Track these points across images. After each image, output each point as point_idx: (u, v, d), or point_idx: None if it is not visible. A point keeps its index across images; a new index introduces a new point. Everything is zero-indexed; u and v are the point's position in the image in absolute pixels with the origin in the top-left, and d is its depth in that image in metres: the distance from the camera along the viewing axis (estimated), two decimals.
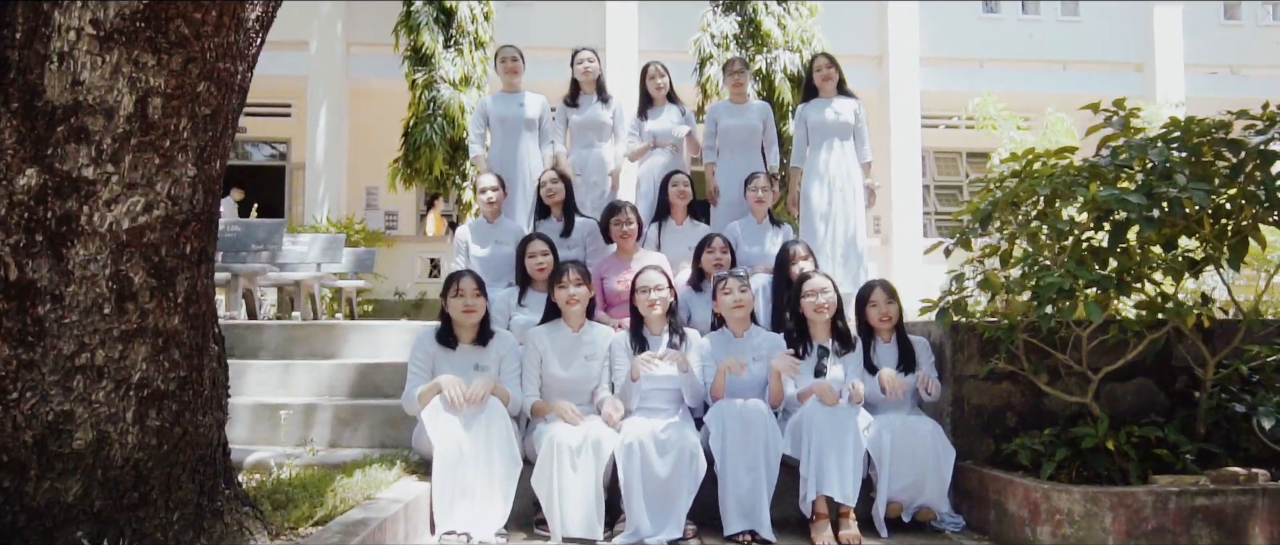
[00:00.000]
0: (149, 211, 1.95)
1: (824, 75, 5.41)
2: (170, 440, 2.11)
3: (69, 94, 1.85)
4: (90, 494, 2.01)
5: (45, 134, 1.85)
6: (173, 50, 1.90)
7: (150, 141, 1.93)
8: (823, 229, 5.29)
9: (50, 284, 1.90)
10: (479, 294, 3.69)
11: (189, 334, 2.12)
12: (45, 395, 1.94)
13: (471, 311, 3.66)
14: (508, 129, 5.43)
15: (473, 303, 3.66)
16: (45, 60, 1.84)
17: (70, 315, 1.93)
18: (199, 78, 1.97)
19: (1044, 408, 3.93)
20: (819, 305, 3.82)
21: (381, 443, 4.10)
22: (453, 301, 3.67)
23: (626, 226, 4.60)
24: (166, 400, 2.08)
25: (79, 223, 1.90)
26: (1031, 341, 3.66)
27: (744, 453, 3.44)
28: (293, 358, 4.70)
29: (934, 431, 3.59)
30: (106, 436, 2.01)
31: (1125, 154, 3.26)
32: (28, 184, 1.85)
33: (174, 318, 2.06)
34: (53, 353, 1.93)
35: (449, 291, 3.70)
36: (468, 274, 3.76)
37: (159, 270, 2.00)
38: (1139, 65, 13.66)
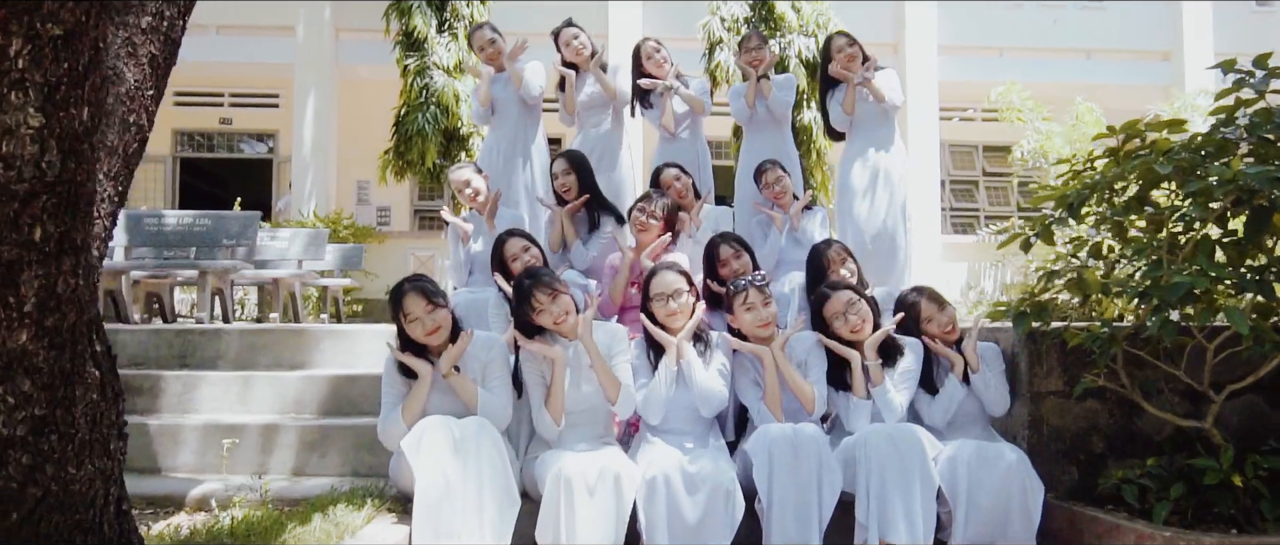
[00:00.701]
0: None
1: (847, 56, 4.66)
2: (23, 506, 1.49)
3: None
4: None
5: None
6: None
7: None
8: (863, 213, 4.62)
9: None
10: (433, 307, 2.98)
11: (46, 355, 1.50)
12: None
13: (435, 330, 2.98)
14: (501, 112, 4.79)
15: (431, 320, 2.97)
16: None
17: None
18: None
19: (1136, 430, 3.33)
20: (855, 327, 3.17)
21: (355, 470, 3.47)
22: (409, 327, 2.98)
23: (648, 219, 3.92)
24: (13, 451, 1.46)
25: None
26: (1132, 353, 3.04)
27: (795, 489, 2.81)
28: (255, 368, 4.07)
29: (1019, 462, 2.97)
30: None
31: (1265, 126, 2.63)
32: None
33: (19, 334, 1.44)
34: None
35: (397, 319, 3.01)
36: (409, 290, 3.01)
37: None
38: (1166, 54, 13.05)
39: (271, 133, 13.78)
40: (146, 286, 6.88)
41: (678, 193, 4.29)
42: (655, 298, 3.15)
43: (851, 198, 4.71)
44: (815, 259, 3.80)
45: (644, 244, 3.95)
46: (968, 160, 15.02)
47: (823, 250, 3.79)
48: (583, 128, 4.86)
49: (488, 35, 4.83)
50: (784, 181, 4.43)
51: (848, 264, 3.76)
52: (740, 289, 3.20)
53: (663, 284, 3.16)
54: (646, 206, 3.95)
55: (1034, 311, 3.17)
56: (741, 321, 3.19)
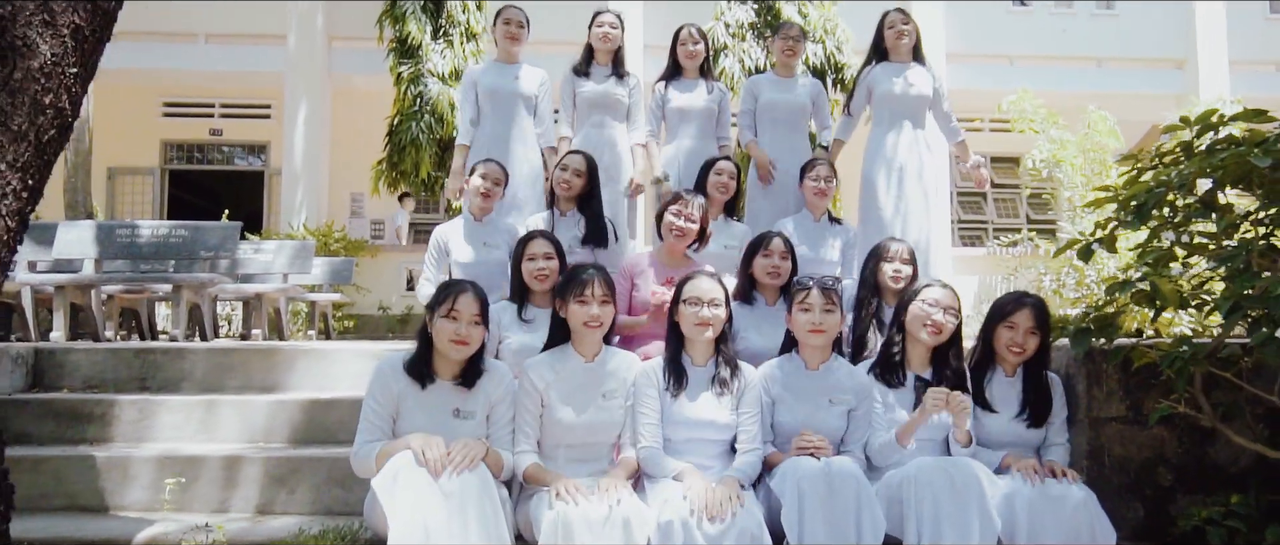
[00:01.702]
0: None
1: (898, 32, 4.39)
2: None
3: None
4: None
5: None
6: None
7: None
8: (888, 222, 4.28)
9: None
10: (478, 321, 2.65)
11: None
12: None
13: (463, 343, 2.63)
14: (500, 105, 4.43)
15: (467, 332, 2.62)
16: None
17: None
18: None
19: (1209, 461, 2.97)
20: (934, 323, 2.81)
21: (328, 508, 3.07)
22: (442, 323, 2.62)
23: (686, 224, 3.53)
24: None
25: None
26: (1217, 375, 2.67)
27: (829, 532, 2.42)
28: (222, 392, 3.68)
29: (1086, 502, 2.58)
30: None
31: None
32: None
33: None
34: None
35: (439, 308, 2.65)
36: (471, 290, 2.68)
37: None
38: (1180, 62, 12.77)
39: (263, 144, 13.44)
40: (122, 302, 6.50)
41: (723, 185, 4.02)
42: (689, 302, 2.78)
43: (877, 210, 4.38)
44: (874, 254, 3.47)
45: (676, 252, 3.58)
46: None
47: (885, 245, 3.48)
48: (582, 128, 4.49)
49: (516, 16, 4.56)
50: (830, 183, 4.06)
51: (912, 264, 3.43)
52: (803, 287, 2.84)
53: (698, 289, 2.78)
54: (683, 210, 3.56)
55: (1099, 327, 2.80)
56: (795, 322, 2.84)
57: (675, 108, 4.49)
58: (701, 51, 4.56)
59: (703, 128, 4.53)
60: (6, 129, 1.76)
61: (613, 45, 4.51)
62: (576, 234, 3.86)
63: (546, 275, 3.28)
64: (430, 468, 2.38)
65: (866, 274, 3.45)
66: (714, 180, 4.01)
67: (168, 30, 11.26)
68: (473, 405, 2.70)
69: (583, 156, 4.03)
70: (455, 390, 2.70)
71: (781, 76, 4.61)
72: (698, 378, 2.78)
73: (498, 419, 2.71)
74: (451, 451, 2.45)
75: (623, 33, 4.57)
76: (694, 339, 2.78)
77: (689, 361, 2.80)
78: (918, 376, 2.89)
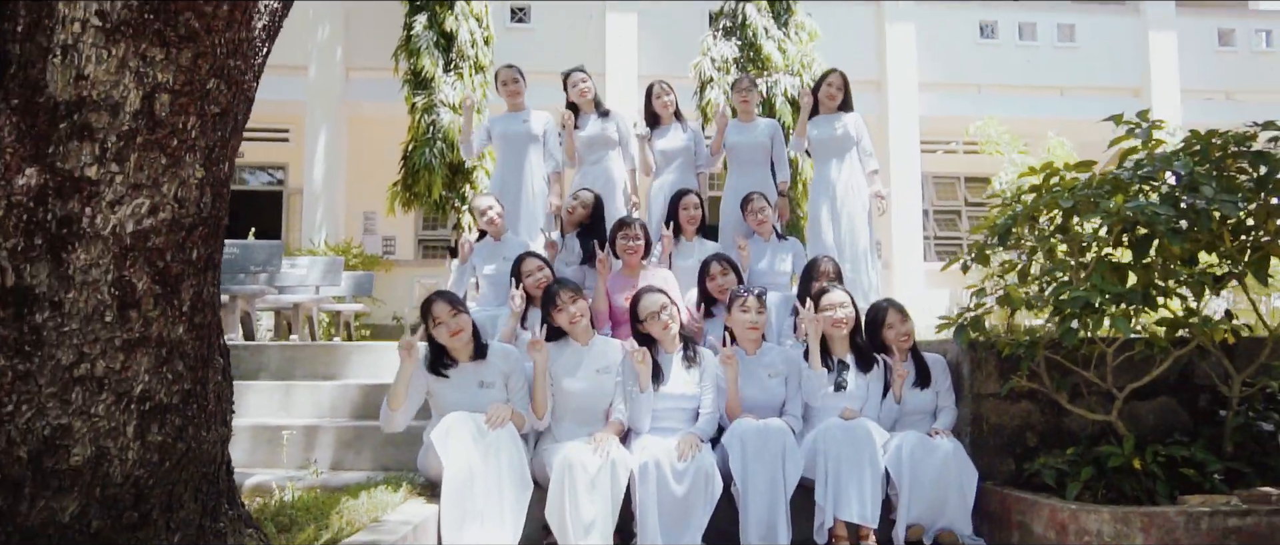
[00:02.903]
0: (154, 214, 1.86)
1: (830, 93, 5.37)
2: (173, 457, 2.01)
3: (72, 89, 1.76)
4: (87, 513, 1.90)
5: (46, 131, 1.76)
6: (182, 44, 1.82)
7: (157, 140, 1.84)
8: (831, 243, 5.22)
9: (49, 290, 1.81)
10: (457, 312, 3.56)
11: (194, 345, 2.02)
12: (41, 408, 1.84)
13: (458, 332, 3.54)
14: (511, 145, 5.37)
15: (453, 323, 3.53)
16: (48, 54, 1.75)
17: (69, 323, 1.84)
18: (209, 74, 1.89)
19: (1064, 427, 3.85)
20: (836, 320, 3.73)
21: (385, 465, 3.98)
22: (435, 330, 3.54)
23: (633, 242, 4.51)
24: (169, 414, 1.98)
25: (80, 225, 1.80)
26: (1053, 359, 3.57)
27: (763, 473, 3.33)
28: (293, 379, 4.59)
29: (955, 451, 3.49)
30: (105, 452, 1.90)
31: (1148, 167, 3.20)
32: (27, 184, 1.76)
33: (178, 327, 1.96)
34: (50, 363, 1.83)
35: (426, 323, 3.56)
36: (437, 298, 3.61)
37: (164, 277, 1.91)
38: (1136, 90, 13.71)
39: (282, 165, 14.35)
40: None
41: (691, 216, 4.92)
42: (646, 319, 3.68)
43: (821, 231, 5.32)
44: (808, 269, 4.40)
45: (631, 266, 4.53)
46: (950, 191, 15.63)
47: (817, 262, 4.40)
48: (582, 166, 5.43)
49: (510, 75, 5.47)
50: (766, 212, 5.00)
51: (836, 276, 4.34)
52: (740, 295, 3.77)
53: (647, 305, 3.70)
54: (628, 232, 4.53)
55: (972, 324, 3.71)
56: (735, 321, 3.76)
57: (659, 150, 5.43)
58: (672, 101, 5.50)
59: (682, 164, 5.46)
60: (244, 94, 2.22)
61: (590, 94, 5.46)
62: (578, 253, 4.80)
63: (542, 284, 4.20)
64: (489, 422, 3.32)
65: (804, 284, 4.37)
66: (683, 213, 4.94)
67: None
68: (491, 376, 3.60)
69: (593, 194, 5.01)
70: (474, 367, 3.60)
71: (743, 121, 5.55)
72: (669, 362, 3.69)
73: (515, 389, 3.62)
74: (489, 415, 3.36)
75: (593, 83, 5.50)
76: (661, 337, 3.69)
77: (662, 352, 3.71)
78: (839, 360, 3.79)
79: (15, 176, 1.75)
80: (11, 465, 1.83)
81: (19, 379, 1.82)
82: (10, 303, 1.79)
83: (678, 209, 4.94)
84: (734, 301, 3.82)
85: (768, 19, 10.97)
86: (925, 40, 13.27)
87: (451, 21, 10.83)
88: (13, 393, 1.82)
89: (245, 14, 1.93)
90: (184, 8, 1.79)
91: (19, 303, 1.79)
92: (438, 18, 10.94)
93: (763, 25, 10.88)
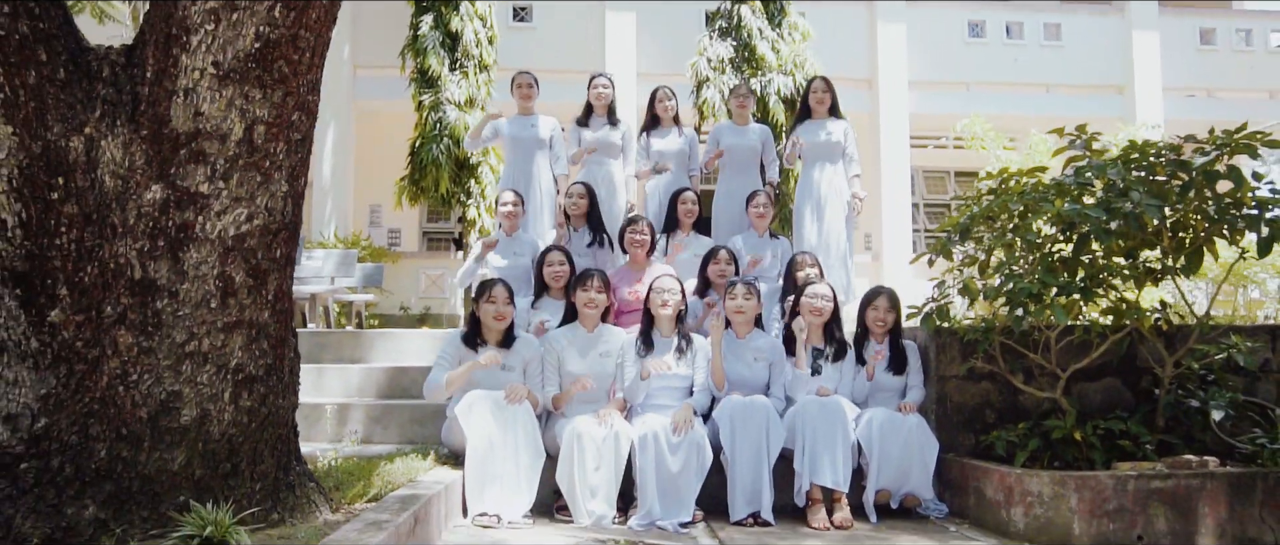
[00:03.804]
0: (251, 221, 2.31)
1: (818, 99, 5.81)
2: (258, 419, 2.46)
3: (191, 123, 2.21)
4: (192, 464, 2.35)
5: (169, 156, 2.21)
6: (275, 86, 2.26)
7: (254, 162, 2.29)
8: (815, 242, 5.67)
9: (168, 282, 2.25)
10: (509, 302, 4.05)
11: (275, 326, 2.47)
12: (159, 377, 2.29)
13: (502, 318, 4.01)
14: (521, 149, 5.81)
15: (504, 309, 4.01)
16: (172, 95, 2.20)
17: (183, 309, 2.28)
18: (294, 109, 2.34)
19: (1019, 405, 4.30)
20: (814, 308, 4.18)
21: (410, 439, 4.43)
22: (485, 306, 4.01)
23: (640, 237, 4.95)
24: (256, 384, 2.43)
25: (194, 230, 2.25)
26: (1007, 344, 4.03)
27: (749, 444, 3.79)
28: (323, 362, 5.04)
29: (919, 424, 3.95)
30: (208, 414, 2.35)
31: (1087, 173, 3.65)
32: (153, 198, 2.20)
33: (265, 312, 2.41)
34: (167, 341, 2.28)
35: (482, 297, 4.04)
36: (501, 283, 4.10)
37: (256, 271, 2.36)
38: (1120, 88, 14.13)
39: None
40: None
41: (689, 211, 5.38)
42: (654, 292, 4.15)
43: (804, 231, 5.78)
44: (791, 264, 4.86)
45: (638, 260, 4.97)
46: (940, 185, 16.08)
47: (796, 257, 4.87)
48: (587, 166, 5.88)
49: (526, 80, 5.91)
50: (767, 208, 5.45)
51: (816, 269, 4.80)
52: (732, 284, 4.25)
53: (661, 284, 4.18)
54: (635, 229, 4.97)
55: (938, 313, 4.16)
56: (727, 307, 4.23)
57: (656, 151, 5.87)
58: (674, 106, 5.94)
59: (678, 164, 5.90)
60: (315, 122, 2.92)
61: (606, 101, 5.89)
62: (587, 241, 5.25)
63: (561, 277, 4.65)
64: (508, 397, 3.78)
65: (787, 278, 4.82)
66: (681, 208, 5.39)
67: None
68: (513, 361, 4.05)
69: (582, 185, 5.45)
70: (499, 352, 4.05)
71: (738, 124, 5.99)
72: (664, 346, 4.14)
73: (532, 373, 4.07)
74: (509, 391, 3.81)
75: (613, 90, 5.94)
76: (659, 316, 4.14)
77: (658, 334, 4.16)
78: (815, 347, 4.25)
79: (144, 192, 2.20)
80: (134, 423, 2.28)
81: (143, 353, 2.26)
82: (138, 292, 2.23)
83: (676, 205, 5.38)
84: (727, 291, 4.28)
85: (762, 20, 11.38)
86: (915, 39, 13.67)
87: (457, 22, 11.22)
88: (137, 365, 2.26)
89: (321, 58, 2.38)
90: (278, 56, 2.24)
91: (144, 292, 2.24)
92: (443, 18, 11.33)
93: (757, 26, 11.28)
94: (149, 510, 2.28)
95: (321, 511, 2.74)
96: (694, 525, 3.72)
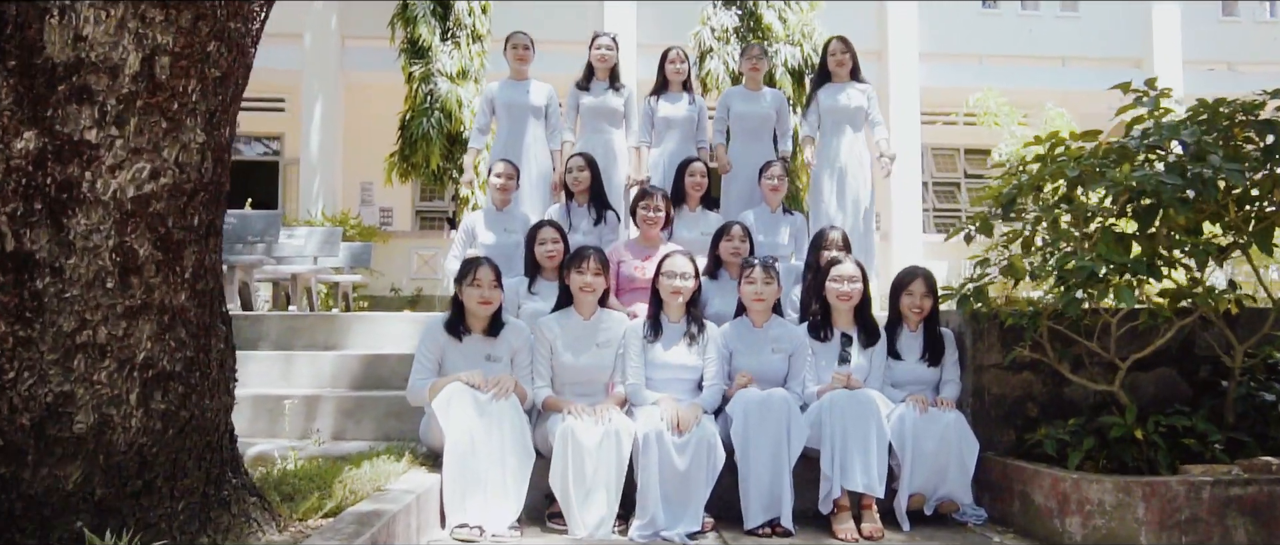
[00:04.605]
0: (155, 179, 1.84)
1: (838, 60, 5.32)
2: (176, 425, 2.00)
3: (70, 51, 1.73)
4: (91, 481, 1.90)
5: (45, 94, 1.73)
6: (181, 6, 1.78)
7: (157, 104, 1.81)
8: (834, 214, 5.20)
9: (49, 256, 1.79)
10: (496, 284, 3.56)
11: (196, 312, 2.01)
12: (44, 375, 1.83)
13: (488, 303, 3.54)
14: (514, 116, 5.32)
15: (490, 294, 3.53)
16: (45, 14, 1.72)
17: (71, 289, 1.82)
18: (209, 36, 1.86)
19: (1065, 397, 3.85)
20: (842, 293, 3.71)
21: (386, 435, 3.98)
22: (469, 290, 3.54)
23: (654, 214, 4.47)
24: (172, 382, 1.97)
25: (81, 190, 1.78)
26: (1055, 329, 3.57)
27: (767, 443, 3.33)
28: (293, 349, 4.58)
29: (957, 421, 3.50)
30: (109, 420, 1.89)
31: (1155, 136, 3.17)
32: (25, 147, 1.73)
33: (180, 294, 1.95)
34: (52, 330, 1.82)
35: (465, 280, 3.56)
36: (486, 262, 3.61)
37: (165, 242, 1.89)
38: (1138, 61, 13.61)
39: (277, 136, 14.25)
40: None
41: (697, 183, 4.89)
42: (665, 274, 3.67)
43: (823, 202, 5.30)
44: (817, 240, 4.36)
45: (650, 237, 4.50)
46: (950, 163, 15.59)
47: (824, 233, 4.36)
48: (584, 136, 5.39)
49: (522, 41, 5.41)
50: (782, 181, 4.97)
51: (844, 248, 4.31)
52: (748, 265, 3.75)
53: (673, 266, 3.69)
54: (649, 203, 4.49)
55: (975, 295, 3.69)
56: (743, 292, 3.73)
57: (662, 117, 5.37)
58: (685, 70, 5.45)
59: (685, 134, 5.41)
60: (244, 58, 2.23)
61: (609, 63, 5.39)
62: (592, 219, 4.78)
63: (554, 255, 4.18)
64: (479, 387, 3.30)
65: (811, 256, 4.35)
66: (689, 180, 4.91)
67: None
68: (500, 351, 3.58)
69: (583, 157, 4.96)
70: (485, 340, 3.59)
71: (750, 89, 5.49)
72: (673, 332, 3.68)
73: (520, 363, 3.61)
74: (492, 381, 3.35)
75: (618, 52, 5.45)
76: (669, 302, 3.67)
77: (666, 319, 3.70)
78: (843, 333, 3.78)
79: (13, 140, 1.72)
80: (14, 433, 1.82)
81: (20, 345, 1.80)
82: (10, 268, 1.77)
83: (683, 177, 4.90)
84: (742, 272, 3.79)
85: None
86: (926, 10, 13.16)
87: None
88: (14, 359, 1.80)
89: None
90: None
91: (19, 268, 1.77)
92: None
93: None
94: (36, 539, 1.82)
95: (264, 532, 2.30)
96: (703, 535, 3.27)
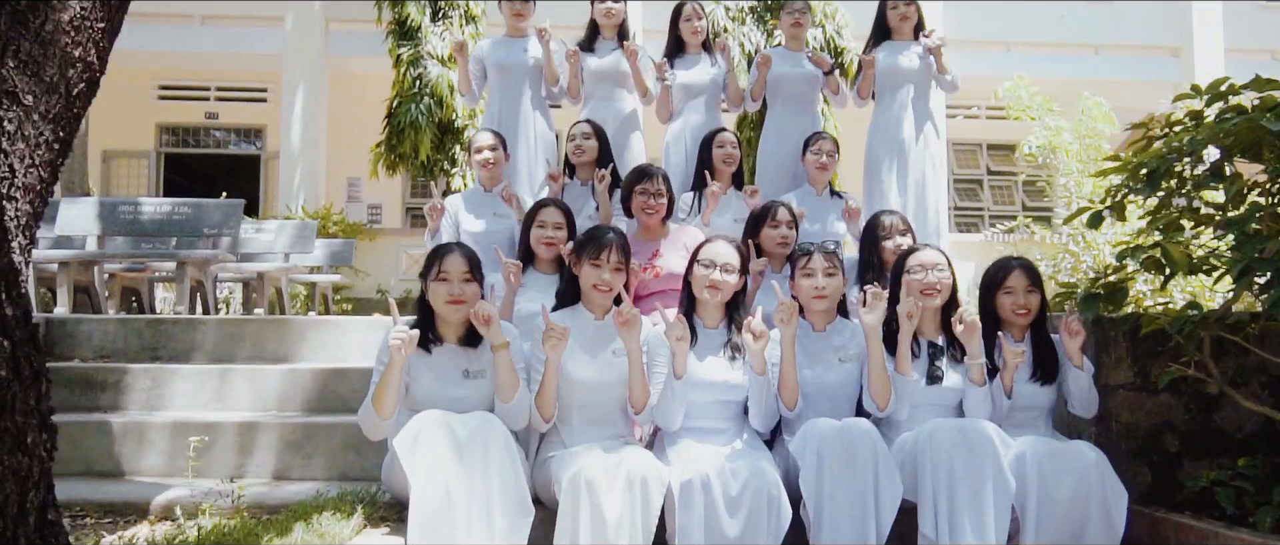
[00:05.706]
0: None
1: (901, 14, 4.43)
2: None
3: None
4: None
5: None
6: None
7: None
8: (891, 198, 4.33)
9: None
10: (469, 278, 2.68)
11: None
12: None
13: (459, 302, 2.65)
14: (509, 79, 4.43)
15: (460, 290, 2.65)
16: None
17: None
18: None
19: (1213, 427, 3.01)
20: (928, 284, 2.84)
21: (343, 473, 3.10)
22: (435, 287, 2.66)
23: (654, 199, 3.57)
24: None
25: None
26: (1227, 339, 2.70)
27: (850, 494, 2.45)
28: (234, 361, 3.70)
29: (1098, 462, 2.60)
30: None
31: None
32: None
33: None
34: None
35: (429, 273, 2.69)
36: (455, 249, 2.73)
37: None
38: (1175, 49, 12.84)
39: (259, 128, 13.39)
40: (123, 281, 6.49)
41: (728, 156, 4.05)
42: (702, 263, 2.82)
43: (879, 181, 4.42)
44: (871, 228, 3.53)
45: (649, 226, 3.61)
46: (972, 159, 14.77)
47: (880, 218, 3.52)
48: (589, 102, 4.50)
49: None
50: (833, 157, 4.11)
51: (909, 234, 3.49)
52: (804, 252, 2.89)
53: (714, 253, 2.82)
54: (646, 186, 3.58)
55: (1107, 294, 2.83)
56: (799, 288, 2.87)
57: (680, 84, 4.49)
58: (703, 27, 4.57)
59: (709, 102, 4.53)
60: (39, 79, 1.77)
61: (616, 20, 4.51)
62: (592, 200, 3.91)
63: (553, 242, 3.31)
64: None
65: (865, 251, 3.48)
66: (717, 152, 4.02)
67: (164, 12, 11.16)
68: (481, 364, 2.71)
69: (588, 123, 4.13)
70: (462, 351, 2.72)
71: (791, 49, 4.61)
72: (709, 340, 2.81)
73: None
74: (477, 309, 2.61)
75: (625, 6, 4.56)
76: (704, 301, 2.80)
77: (700, 324, 2.83)
78: (930, 342, 2.91)
79: None
80: None
81: None
82: None
83: (712, 150, 4.02)
84: (797, 263, 2.91)
85: None
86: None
87: None
88: None
89: None
90: None
91: None
92: None
93: None
94: None
95: None
96: None
